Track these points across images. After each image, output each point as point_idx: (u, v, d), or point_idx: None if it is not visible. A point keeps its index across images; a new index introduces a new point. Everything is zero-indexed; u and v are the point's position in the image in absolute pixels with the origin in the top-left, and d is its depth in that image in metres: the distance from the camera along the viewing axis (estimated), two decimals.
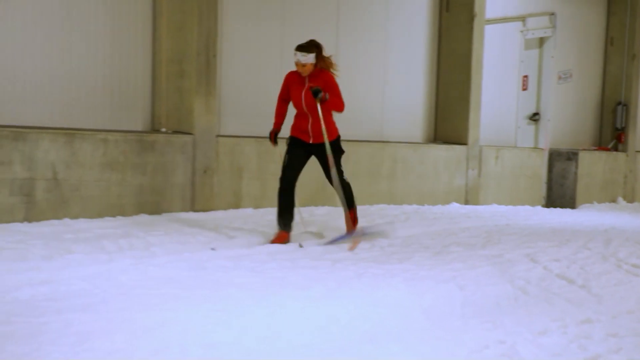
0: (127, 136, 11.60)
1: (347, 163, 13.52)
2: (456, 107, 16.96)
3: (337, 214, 12.15)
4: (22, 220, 10.11)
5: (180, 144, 12.25)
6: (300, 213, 10.84)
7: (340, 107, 10.02)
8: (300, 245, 9.79)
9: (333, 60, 10.17)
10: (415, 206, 15.42)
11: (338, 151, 10.24)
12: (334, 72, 10.12)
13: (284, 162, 10.20)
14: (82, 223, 10.37)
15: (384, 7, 15.93)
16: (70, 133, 10.86)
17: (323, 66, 9.99)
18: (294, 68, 9.91)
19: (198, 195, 12.38)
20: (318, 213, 13.07)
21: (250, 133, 13.49)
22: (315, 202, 13.75)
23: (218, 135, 12.83)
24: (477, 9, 16.65)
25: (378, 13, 15.82)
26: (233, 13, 13.43)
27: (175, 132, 12.42)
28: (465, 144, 16.83)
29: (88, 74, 11.71)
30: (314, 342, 5.78)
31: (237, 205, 12.92)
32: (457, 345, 5.83)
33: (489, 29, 17.39)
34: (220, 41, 13.08)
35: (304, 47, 9.84)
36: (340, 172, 10.18)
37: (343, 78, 10.59)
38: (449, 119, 17.05)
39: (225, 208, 12.72)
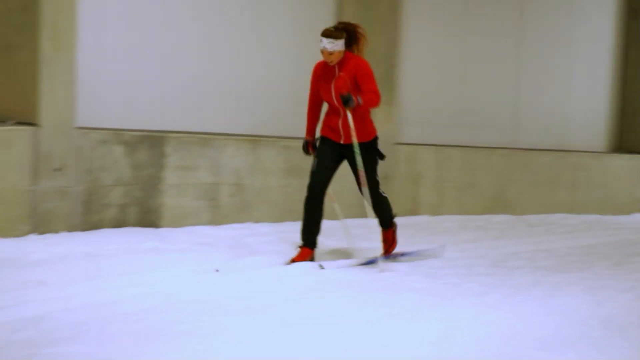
0: None
1: (527, 172, 13.38)
2: None
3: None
4: (206, 224, 10.31)
5: None
6: (345, 224, 9.03)
7: (375, 102, 8.31)
8: (321, 267, 8.18)
9: (364, 40, 8.52)
10: (596, 216, 15.05)
11: (372, 156, 8.65)
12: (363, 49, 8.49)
13: (312, 166, 8.63)
14: (264, 227, 10.48)
15: (567, 16, 15.61)
16: (254, 140, 11.03)
17: (353, 51, 8.38)
18: (477, 74, 9.41)
19: None
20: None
21: (428, 141, 13.33)
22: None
23: (397, 143, 12.80)
24: None
25: (561, 22, 15.51)
26: (415, 23, 13.32)
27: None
28: None
29: (272, 84, 11.84)
30: (487, 347, 5.71)
31: (414, 212, 12.80)
32: (637, 356, 5.69)
33: None
34: (402, 51, 13.09)
35: (331, 33, 8.15)
36: (374, 184, 8.66)
37: (525, 87, 10.20)
38: (636, 128, 16.53)
39: (402, 214, 12.61)
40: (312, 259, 8.41)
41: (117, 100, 9.76)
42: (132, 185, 9.53)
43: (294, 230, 10.39)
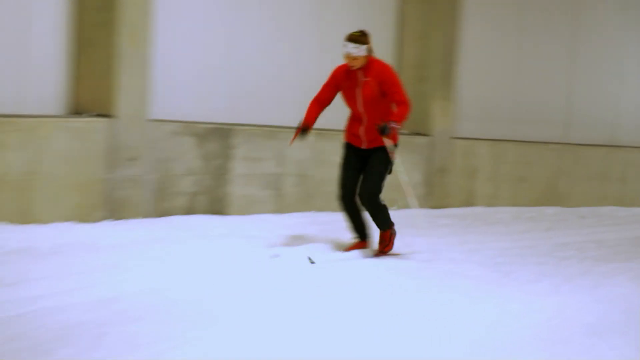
0: None
1: (579, 166, 13.26)
2: None
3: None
4: (271, 212, 10.33)
5: (418, 145, 12.23)
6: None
7: (406, 114, 7.78)
8: (311, 261, 7.60)
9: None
10: None
11: (387, 162, 7.99)
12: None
13: (340, 170, 8.18)
14: (325, 216, 10.47)
15: (621, 14, 15.34)
16: (316, 133, 10.96)
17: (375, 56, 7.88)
18: (531, 71, 9.19)
19: (434, 193, 12.36)
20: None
21: (484, 136, 13.28)
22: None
23: (453, 137, 12.75)
24: None
25: (615, 20, 15.24)
26: (472, 23, 13.25)
27: (414, 133, 12.39)
28: None
29: None
30: (538, 332, 5.70)
31: (469, 204, 12.77)
32: None
33: None
34: (460, 49, 13.02)
35: (356, 38, 7.70)
36: (377, 190, 7.96)
37: (577, 84, 10.02)
38: None
39: (459, 206, 12.61)
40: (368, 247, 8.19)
41: (189, 94, 9.79)
42: (201, 174, 9.55)
43: None
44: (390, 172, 8.09)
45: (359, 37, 7.70)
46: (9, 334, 4.90)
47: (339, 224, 9.68)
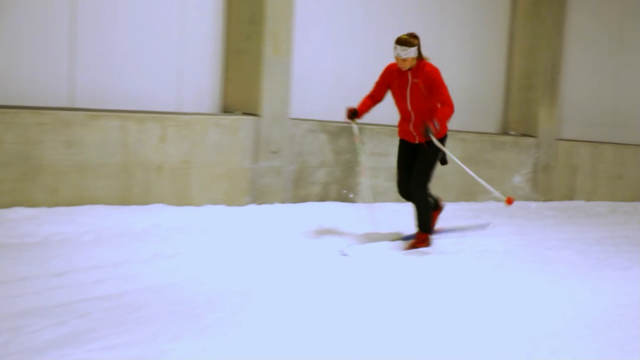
0: (482, 137, 11.66)
1: None
2: None
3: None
4: (394, 201, 10.24)
5: (526, 145, 12.19)
6: (372, 210, 8.04)
7: (449, 115, 7.19)
8: (343, 253, 6.93)
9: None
10: None
11: (436, 153, 7.40)
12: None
13: (397, 164, 7.67)
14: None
15: None
16: None
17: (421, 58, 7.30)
18: (628, 80, 8.96)
19: (539, 187, 12.25)
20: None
21: (585, 138, 13.15)
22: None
23: (558, 139, 12.66)
24: None
25: None
26: (575, 37, 13.14)
27: (522, 135, 12.35)
28: None
29: (453, 86, 11.66)
30: (628, 312, 5.57)
31: (570, 198, 12.70)
32: None
33: None
34: (564, 60, 12.88)
35: (404, 41, 7.14)
36: (425, 180, 7.45)
37: None
38: None
39: (561, 199, 12.50)
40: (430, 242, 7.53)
41: (323, 97, 9.83)
42: (333, 167, 9.56)
43: (467, 209, 10.38)
44: (443, 163, 7.59)
45: (407, 40, 7.17)
46: (167, 299, 4.99)
47: (455, 212, 9.67)
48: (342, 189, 9.73)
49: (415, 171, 7.40)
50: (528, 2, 12.42)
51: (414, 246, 7.40)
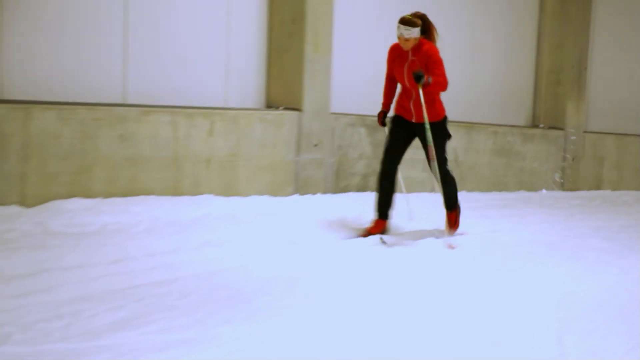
0: (513, 130, 11.63)
1: None
2: None
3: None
4: (429, 191, 10.19)
5: (554, 137, 12.17)
6: (408, 200, 7.74)
7: (443, 86, 6.87)
8: (382, 241, 6.74)
9: (436, 31, 7.09)
10: None
11: (442, 135, 7.16)
12: (438, 41, 7.07)
13: (386, 143, 7.27)
14: (475, 195, 10.36)
15: None
16: (469, 125, 10.91)
17: (428, 38, 7.00)
18: None
19: (567, 178, 12.21)
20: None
21: (611, 130, 13.09)
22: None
23: (585, 131, 12.64)
24: None
25: None
26: (601, 34, 13.13)
27: (550, 128, 12.29)
28: None
29: (485, 81, 11.72)
30: None
31: (597, 187, 12.71)
32: None
33: None
34: (591, 57, 12.81)
35: (407, 21, 6.79)
36: (443, 161, 7.16)
37: None
38: None
39: (588, 189, 12.44)
40: (385, 231, 7.10)
41: (362, 92, 9.75)
42: (372, 159, 9.49)
43: (499, 199, 10.33)
44: (449, 138, 7.25)
45: (410, 20, 6.80)
46: (216, 285, 4.97)
47: (487, 202, 9.60)
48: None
49: (435, 156, 7.04)
50: (555, 1, 12.35)
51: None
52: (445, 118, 7.19)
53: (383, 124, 7.30)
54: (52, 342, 3.67)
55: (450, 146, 10.35)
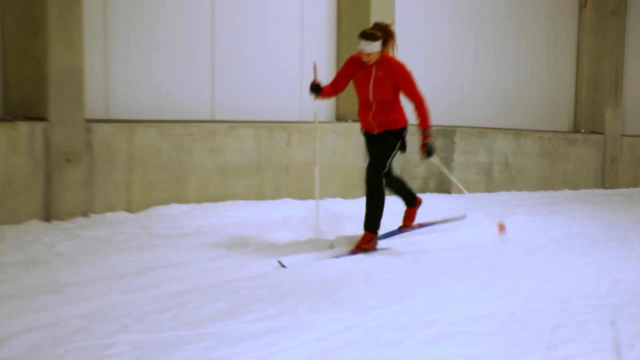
0: (557, 135, 11.54)
1: None
2: None
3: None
4: (483, 191, 10.15)
5: (594, 141, 12.07)
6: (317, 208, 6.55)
7: (425, 113, 6.05)
8: (281, 264, 5.35)
9: (394, 37, 6.00)
10: None
11: (393, 142, 6.10)
12: (395, 52, 6.03)
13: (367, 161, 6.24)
14: (524, 194, 10.26)
15: None
16: (517, 132, 10.82)
17: (386, 49, 5.94)
18: None
19: (606, 177, 12.07)
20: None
21: None
22: None
23: (622, 135, 12.50)
24: None
25: None
26: (636, 47, 13.00)
27: (591, 132, 12.15)
28: None
29: (530, 90, 11.64)
30: None
31: (635, 185, 12.68)
32: None
33: None
34: (626, 67, 12.69)
35: (369, 35, 5.78)
36: (380, 168, 6.02)
37: None
38: None
39: (626, 187, 12.28)
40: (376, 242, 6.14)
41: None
42: (431, 163, 9.41)
43: (545, 197, 10.16)
44: (403, 150, 6.27)
45: (372, 34, 5.81)
46: (301, 278, 4.97)
47: (536, 200, 9.45)
48: (440, 182, 9.60)
49: (374, 159, 6.08)
50: (593, 18, 12.25)
51: (358, 247, 5.99)
52: (404, 128, 6.18)
53: (313, 90, 6.13)
54: (164, 331, 3.70)
55: (501, 151, 10.34)
